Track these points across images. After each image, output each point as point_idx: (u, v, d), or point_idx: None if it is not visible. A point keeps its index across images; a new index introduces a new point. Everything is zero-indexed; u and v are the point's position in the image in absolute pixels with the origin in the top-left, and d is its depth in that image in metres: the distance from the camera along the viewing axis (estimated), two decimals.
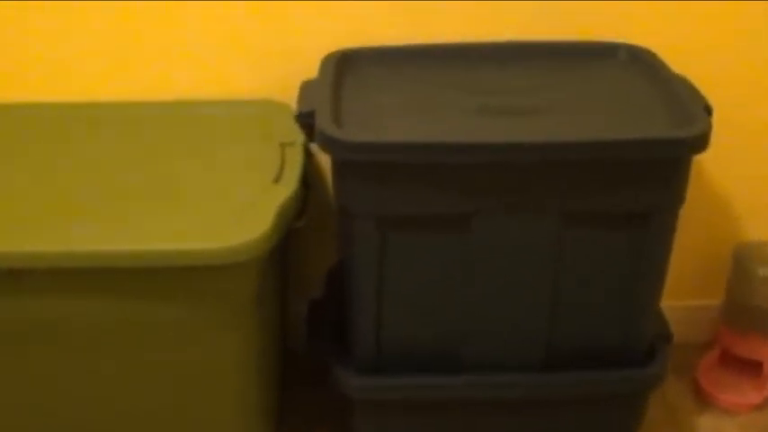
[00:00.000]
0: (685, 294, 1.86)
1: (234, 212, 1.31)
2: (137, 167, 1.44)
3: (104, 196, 1.37)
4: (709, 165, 1.75)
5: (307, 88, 1.49)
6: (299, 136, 1.52)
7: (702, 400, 1.80)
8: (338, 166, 1.38)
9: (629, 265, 1.42)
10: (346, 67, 1.55)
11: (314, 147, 1.43)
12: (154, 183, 1.40)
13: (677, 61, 1.53)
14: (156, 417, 1.42)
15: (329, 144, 1.32)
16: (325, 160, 1.66)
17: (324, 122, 1.33)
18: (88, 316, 1.31)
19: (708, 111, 1.39)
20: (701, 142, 1.32)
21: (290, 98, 1.59)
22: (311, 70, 1.54)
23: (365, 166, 1.32)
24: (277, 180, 1.40)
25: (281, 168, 1.43)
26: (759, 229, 1.84)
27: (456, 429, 1.57)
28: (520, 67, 1.57)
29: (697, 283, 1.88)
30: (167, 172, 1.43)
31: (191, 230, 1.27)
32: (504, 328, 1.47)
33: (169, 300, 1.31)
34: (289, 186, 1.39)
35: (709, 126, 1.33)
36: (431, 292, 1.44)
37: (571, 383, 1.51)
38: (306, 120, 1.40)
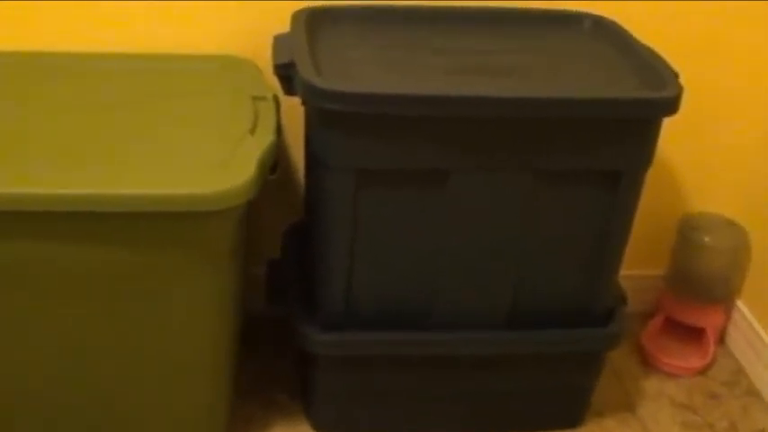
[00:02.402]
0: (630, 263, 1.90)
1: (216, 161, 1.29)
2: (112, 117, 1.40)
3: (86, 143, 1.33)
4: None
5: (281, 41, 1.47)
6: (268, 91, 1.51)
7: (647, 364, 1.86)
8: (318, 118, 1.37)
9: (597, 225, 1.45)
10: (316, 23, 1.54)
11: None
12: (131, 132, 1.37)
13: (635, 32, 1.57)
14: (125, 366, 1.39)
15: (313, 94, 1.31)
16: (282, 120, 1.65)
17: (307, 72, 1.32)
18: (76, 261, 1.28)
19: (676, 76, 1.43)
20: (673, 104, 1.36)
21: (249, 55, 1.62)
22: (269, 27, 1.53)
23: (347, 118, 1.31)
24: (253, 132, 1.38)
25: (256, 121, 1.42)
26: (703, 202, 1.90)
27: (417, 388, 1.58)
28: (488, 32, 1.59)
29: (642, 254, 1.92)
30: (142, 122, 1.39)
31: (175, 176, 1.25)
32: (473, 285, 1.48)
33: (148, 248, 1.28)
34: (266, 137, 1.37)
35: (681, 89, 1.37)
36: (402, 249, 1.44)
37: (535, 341, 1.54)
38: (284, 71, 1.38)
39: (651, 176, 1.83)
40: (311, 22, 1.53)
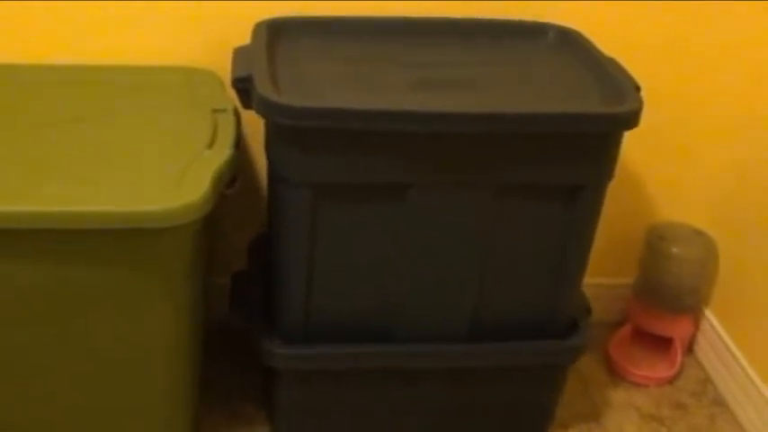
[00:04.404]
0: (598, 272, 1.90)
1: (170, 177, 1.27)
2: (66, 132, 1.38)
3: (37, 157, 1.32)
4: (624, 145, 1.79)
5: (240, 54, 1.46)
6: (228, 103, 1.50)
7: (615, 374, 1.86)
8: (275, 133, 1.37)
9: (558, 238, 1.45)
10: (278, 35, 1.53)
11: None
12: (85, 147, 1.35)
13: (602, 42, 1.56)
14: (82, 385, 1.38)
15: (269, 109, 1.30)
16: (248, 131, 1.64)
17: (263, 87, 1.31)
18: (25, 278, 1.26)
19: (637, 89, 1.43)
20: (633, 118, 1.36)
21: (211, 66, 1.60)
22: (232, 38, 1.53)
23: (303, 133, 1.31)
24: (210, 146, 1.38)
25: (214, 134, 1.41)
26: (669, 211, 1.90)
27: (378, 401, 1.57)
28: (451, 44, 1.58)
29: (610, 262, 1.92)
30: (98, 137, 1.38)
31: (127, 193, 1.24)
32: (434, 299, 1.47)
33: (101, 265, 1.26)
34: (223, 152, 1.36)
35: (641, 103, 1.37)
36: (361, 263, 1.44)
37: (497, 354, 1.53)
38: (242, 85, 1.38)
39: (619, 185, 1.83)
40: (272, 34, 1.52)
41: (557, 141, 1.36)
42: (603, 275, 1.93)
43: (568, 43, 1.58)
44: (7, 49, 1.59)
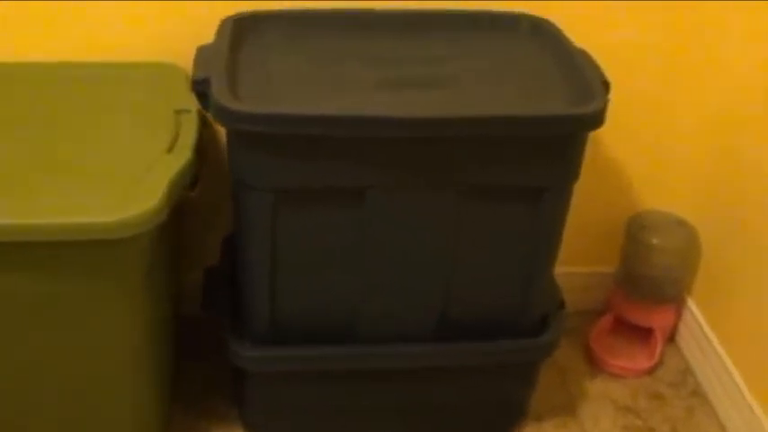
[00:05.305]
0: (580, 261, 1.89)
1: (124, 184, 1.26)
2: (21, 134, 1.37)
3: None
4: (604, 135, 1.77)
5: (202, 53, 1.44)
6: (193, 103, 1.48)
7: (594, 364, 1.84)
8: (232, 137, 1.35)
9: (524, 238, 1.43)
10: (244, 31, 1.51)
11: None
12: (39, 150, 1.34)
13: (575, 32, 1.53)
14: (46, 392, 1.38)
15: (223, 115, 1.28)
16: (218, 127, 1.63)
17: (218, 92, 1.29)
18: None
19: (606, 86, 1.40)
20: (596, 119, 1.33)
21: (186, 61, 1.55)
22: (208, 33, 1.49)
23: (260, 138, 1.29)
24: (170, 149, 1.36)
25: (175, 137, 1.39)
26: (652, 199, 1.87)
27: (349, 400, 1.57)
28: (420, 37, 1.55)
29: (591, 251, 1.91)
30: (54, 139, 1.37)
31: (79, 203, 1.22)
32: (400, 299, 1.46)
33: (54, 274, 1.26)
34: (182, 156, 1.35)
35: (606, 104, 1.34)
36: (325, 265, 1.43)
37: (464, 353, 1.52)
38: (200, 87, 1.36)
39: (600, 174, 1.83)
40: (238, 30, 1.49)
41: (518, 143, 1.34)
42: (586, 264, 1.91)
43: (540, 34, 1.55)
44: None
